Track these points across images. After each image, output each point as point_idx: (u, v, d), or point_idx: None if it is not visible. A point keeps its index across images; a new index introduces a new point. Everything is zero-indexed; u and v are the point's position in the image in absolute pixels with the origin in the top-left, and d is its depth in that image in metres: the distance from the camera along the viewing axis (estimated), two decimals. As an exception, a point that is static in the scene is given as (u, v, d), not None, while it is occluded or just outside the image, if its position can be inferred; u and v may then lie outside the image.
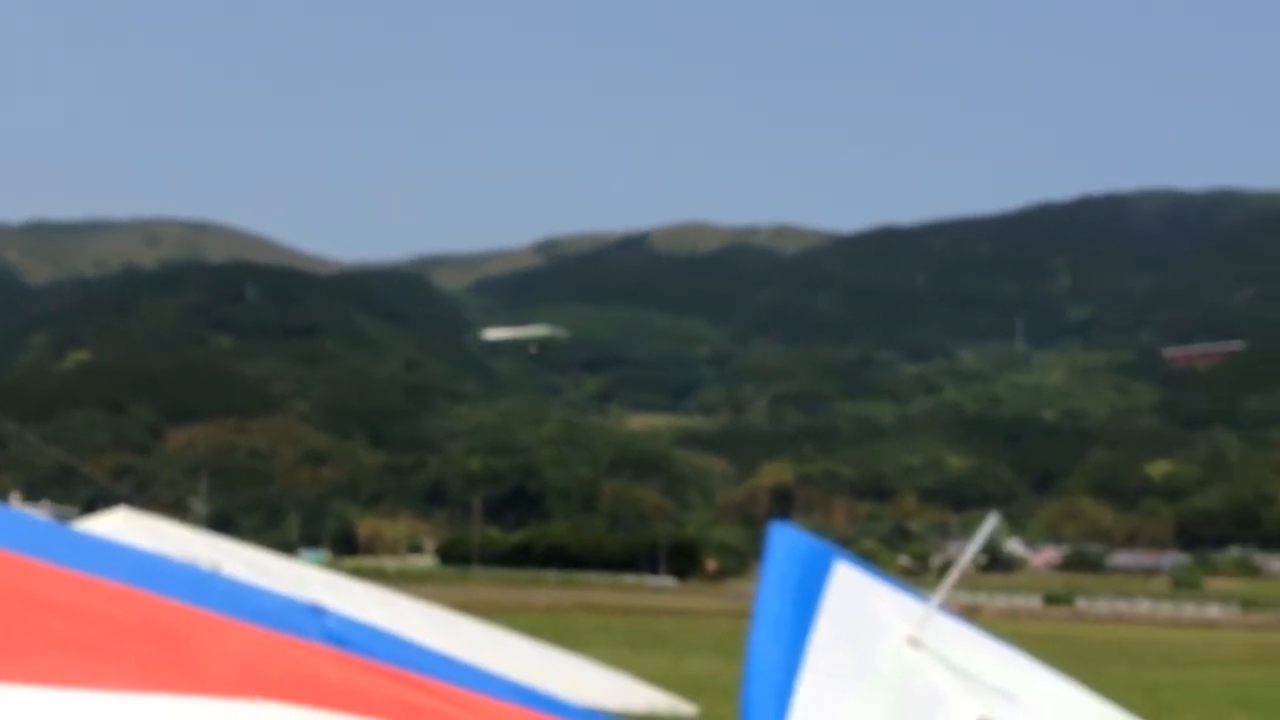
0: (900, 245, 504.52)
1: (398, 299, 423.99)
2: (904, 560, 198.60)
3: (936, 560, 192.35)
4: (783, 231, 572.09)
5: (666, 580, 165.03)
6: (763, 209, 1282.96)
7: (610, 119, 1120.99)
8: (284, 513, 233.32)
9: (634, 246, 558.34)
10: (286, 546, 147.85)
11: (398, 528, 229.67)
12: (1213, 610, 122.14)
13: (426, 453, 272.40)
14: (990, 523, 14.05)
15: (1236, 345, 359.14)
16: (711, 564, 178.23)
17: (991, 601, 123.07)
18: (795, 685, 10.55)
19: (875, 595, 12.85)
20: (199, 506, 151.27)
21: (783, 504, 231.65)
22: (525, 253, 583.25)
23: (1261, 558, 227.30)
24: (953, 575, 13.40)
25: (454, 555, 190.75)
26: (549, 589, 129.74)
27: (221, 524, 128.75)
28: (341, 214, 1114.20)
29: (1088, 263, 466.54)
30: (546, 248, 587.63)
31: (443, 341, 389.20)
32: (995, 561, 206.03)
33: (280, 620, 5.77)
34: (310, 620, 5.82)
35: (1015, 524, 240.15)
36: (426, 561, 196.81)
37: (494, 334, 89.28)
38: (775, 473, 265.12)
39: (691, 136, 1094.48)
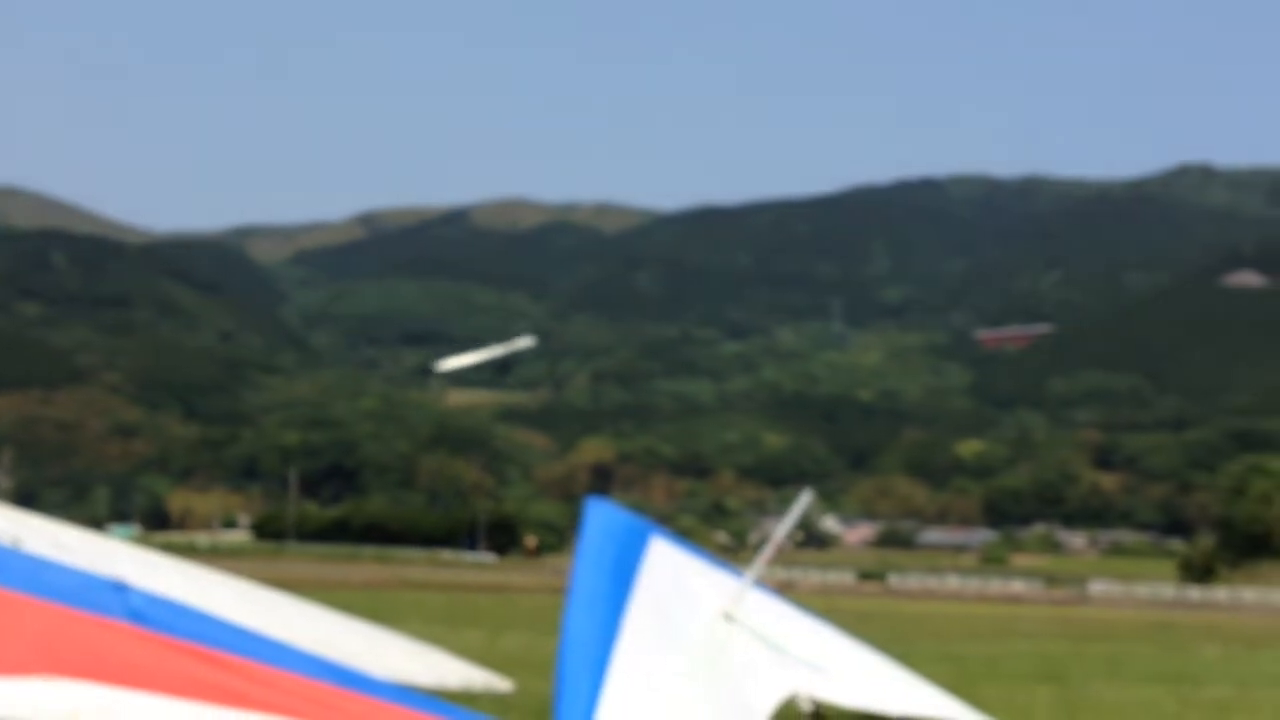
0: (721, 225, 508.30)
1: (212, 270, 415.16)
2: (721, 537, 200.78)
3: (754, 537, 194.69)
4: (604, 209, 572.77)
5: (485, 556, 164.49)
6: (584, 187, 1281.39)
7: (432, 92, 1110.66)
8: (92, 487, 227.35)
9: (455, 221, 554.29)
10: (94, 522, 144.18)
11: (210, 502, 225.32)
12: (1017, 585, 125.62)
13: (241, 426, 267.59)
14: (804, 500, 14.24)
15: (1044, 328, 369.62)
16: (531, 540, 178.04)
17: (806, 577, 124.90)
18: (610, 659, 10.57)
19: (691, 571, 12.95)
20: (1, 480, 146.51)
21: (602, 480, 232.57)
22: (345, 225, 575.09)
23: (1064, 535, 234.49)
24: (767, 551, 13.57)
25: (269, 531, 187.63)
26: (366, 565, 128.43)
27: (25, 498, 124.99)
28: (154, 182, 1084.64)
29: (904, 245, 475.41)
30: (367, 220, 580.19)
31: (259, 314, 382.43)
32: (811, 538, 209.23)
33: (80, 597, 5.58)
34: (112, 597, 5.63)
35: (830, 501, 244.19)
36: (241, 537, 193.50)
37: (451, 363, 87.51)
38: (595, 449, 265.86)
39: (513, 113, 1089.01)
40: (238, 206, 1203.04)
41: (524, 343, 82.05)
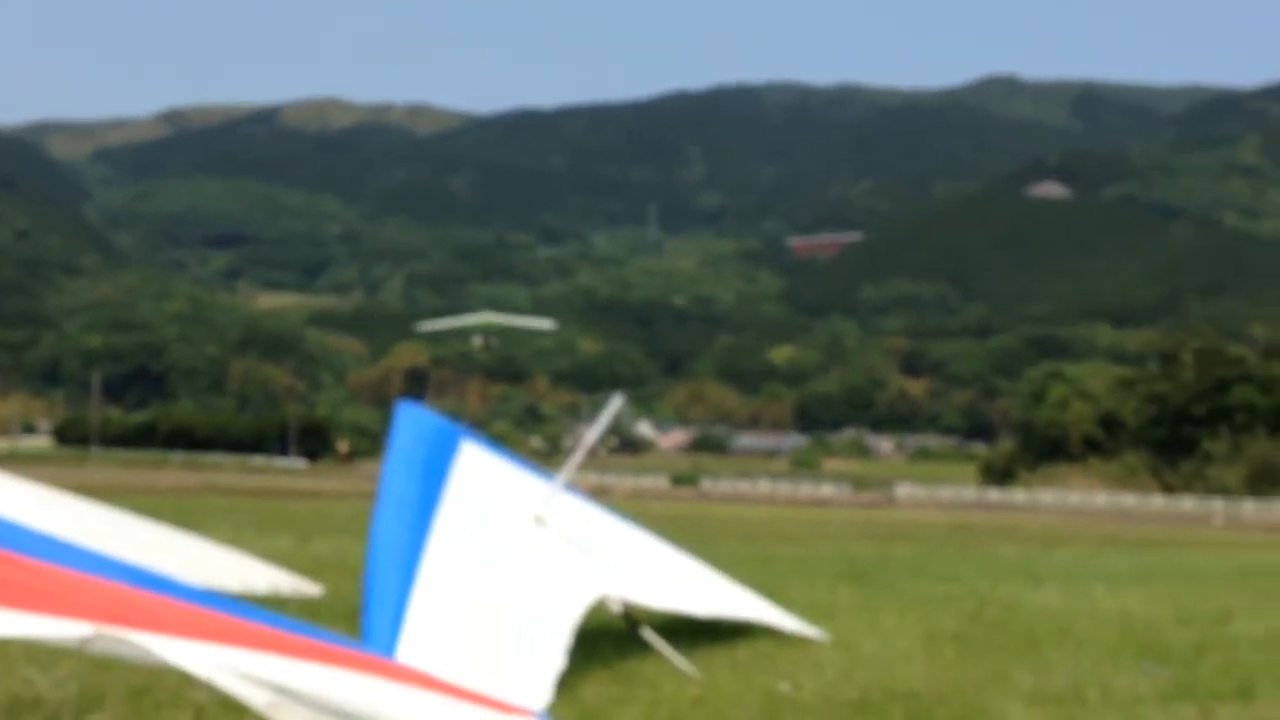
0: (537, 128, 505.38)
1: (8, 166, 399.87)
2: (535, 442, 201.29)
3: (568, 442, 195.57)
4: (417, 111, 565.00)
5: (297, 461, 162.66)
6: (397, 87, 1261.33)
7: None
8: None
9: (264, 121, 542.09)
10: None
11: (10, 407, 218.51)
12: (827, 489, 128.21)
13: (41, 329, 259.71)
14: (615, 404, 14.24)
15: (855, 236, 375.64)
16: (343, 445, 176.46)
17: (621, 482, 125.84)
18: (419, 562, 10.48)
19: (502, 475, 12.88)
20: None
21: (416, 385, 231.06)
22: (149, 122, 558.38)
23: (873, 439, 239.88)
24: (577, 456, 13.55)
25: (71, 436, 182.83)
26: (173, 471, 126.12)
27: None
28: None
29: (719, 152, 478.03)
30: (172, 118, 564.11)
31: (58, 212, 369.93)
32: (625, 443, 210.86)
33: None
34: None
35: (645, 407, 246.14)
36: (41, 443, 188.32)
37: (430, 326, 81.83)
38: (408, 354, 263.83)
39: (325, 10, 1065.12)
40: (35, 102, 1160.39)
41: (542, 324, 77.48)
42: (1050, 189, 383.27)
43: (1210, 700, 11.78)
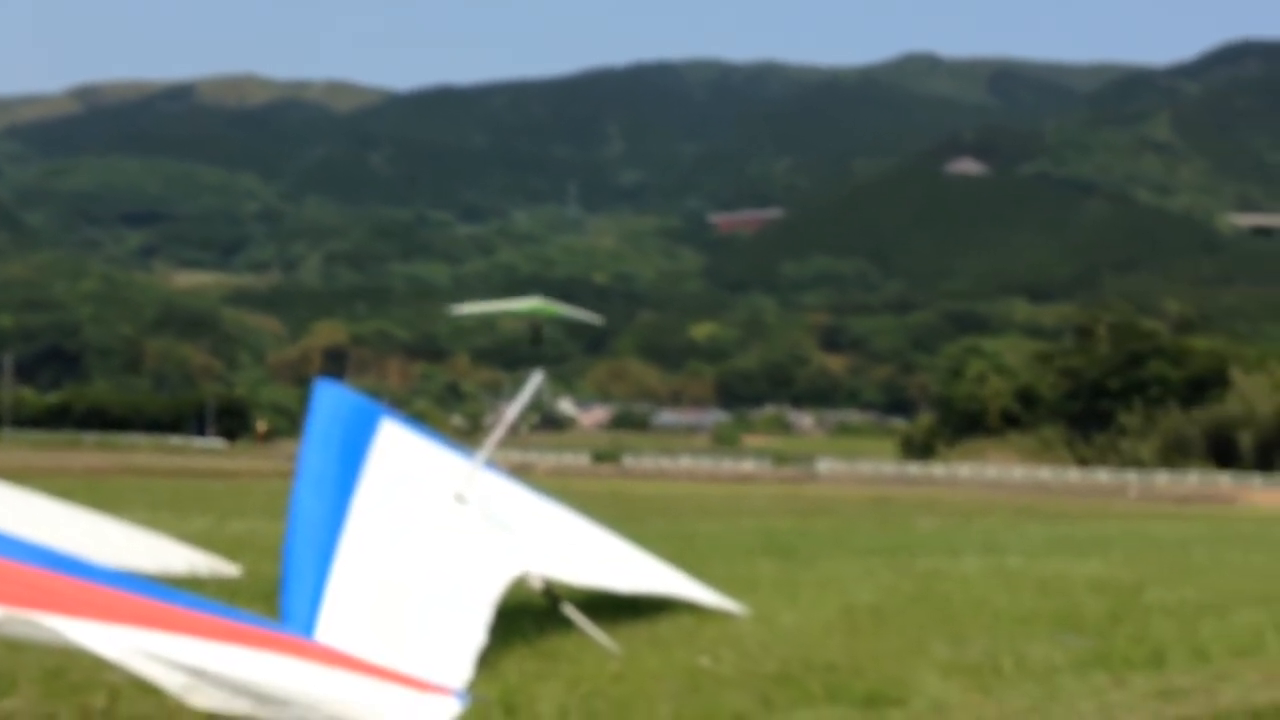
0: (457, 106, 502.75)
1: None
2: (457, 420, 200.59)
3: (489, 420, 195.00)
4: (336, 87, 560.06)
5: (214, 441, 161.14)
6: (315, 64, 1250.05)
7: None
8: None
9: (180, 97, 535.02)
10: None
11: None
12: (748, 465, 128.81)
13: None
14: (535, 380, 14.22)
15: (775, 213, 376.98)
16: (261, 425, 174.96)
17: (542, 460, 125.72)
18: (338, 542, 10.42)
19: (422, 453, 12.82)
20: None
21: (335, 364, 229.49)
22: (60, 99, 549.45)
23: (794, 415, 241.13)
24: (497, 433, 13.52)
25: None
26: (88, 451, 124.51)
27: None
28: None
29: (640, 129, 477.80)
30: (84, 94, 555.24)
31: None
32: (546, 421, 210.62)
33: None
34: None
35: (566, 384, 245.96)
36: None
37: (469, 309, 78.51)
38: (328, 332, 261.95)
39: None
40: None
41: (591, 317, 74.45)
42: (967, 166, 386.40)
43: (1124, 669, 11.97)
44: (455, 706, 7.72)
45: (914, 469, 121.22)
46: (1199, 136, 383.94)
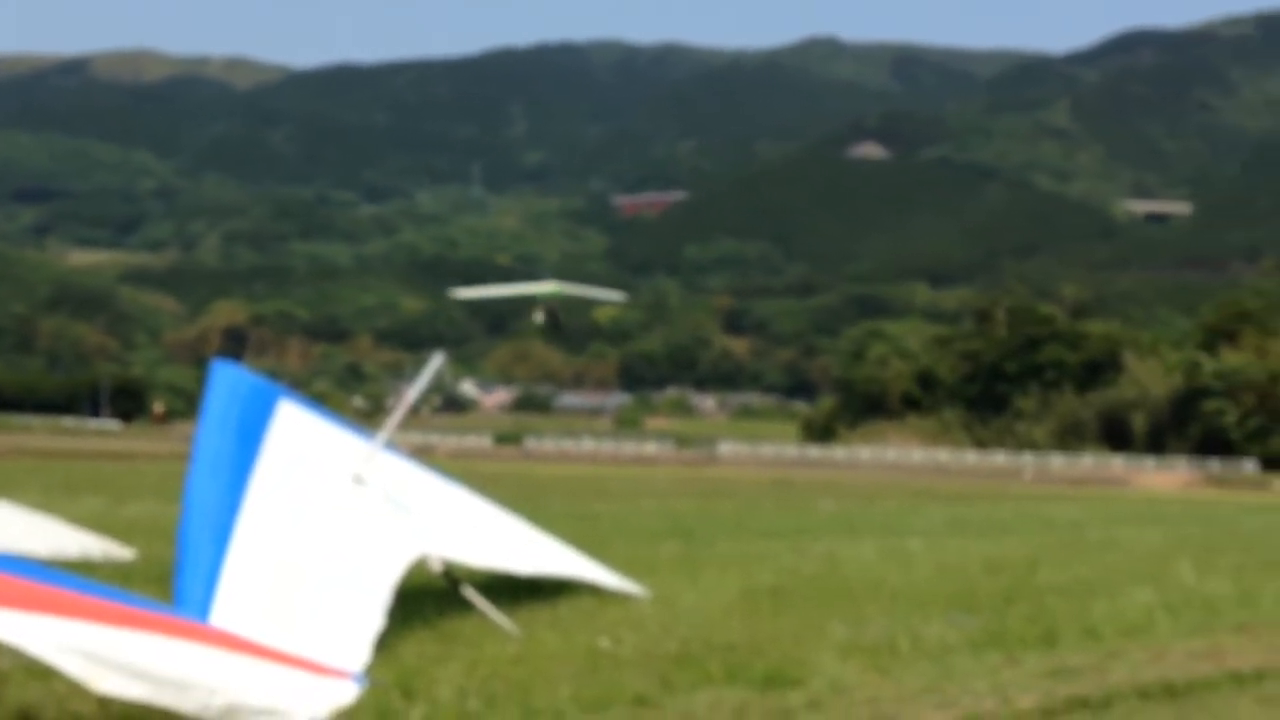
0: (359, 83, 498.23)
1: None
2: (358, 401, 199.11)
3: (390, 401, 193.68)
4: (236, 63, 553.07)
5: (110, 423, 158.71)
6: (214, 39, 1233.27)
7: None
8: None
9: (74, 72, 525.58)
10: None
11: None
12: (650, 447, 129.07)
13: None
14: (435, 361, 14.16)
15: (679, 195, 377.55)
16: (158, 406, 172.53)
17: (444, 441, 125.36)
18: (234, 524, 10.32)
19: (321, 434, 12.72)
20: None
21: (234, 344, 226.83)
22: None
23: (696, 397, 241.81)
24: (397, 414, 13.44)
25: None
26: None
27: None
28: None
29: (543, 110, 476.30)
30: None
31: None
32: (449, 402, 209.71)
33: None
34: None
35: (468, 366, 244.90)
36: None
37: (469, 293, 73.52)
38: (227, 312, 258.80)
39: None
40: None
41: (612, 295, 70.66)
42: (870, 150, 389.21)
43: (1017, 648, 12.15)
44: (353, 689, 7.69)
45: (815, 451, 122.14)
46: (1096, 123, 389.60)
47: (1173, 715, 10.07)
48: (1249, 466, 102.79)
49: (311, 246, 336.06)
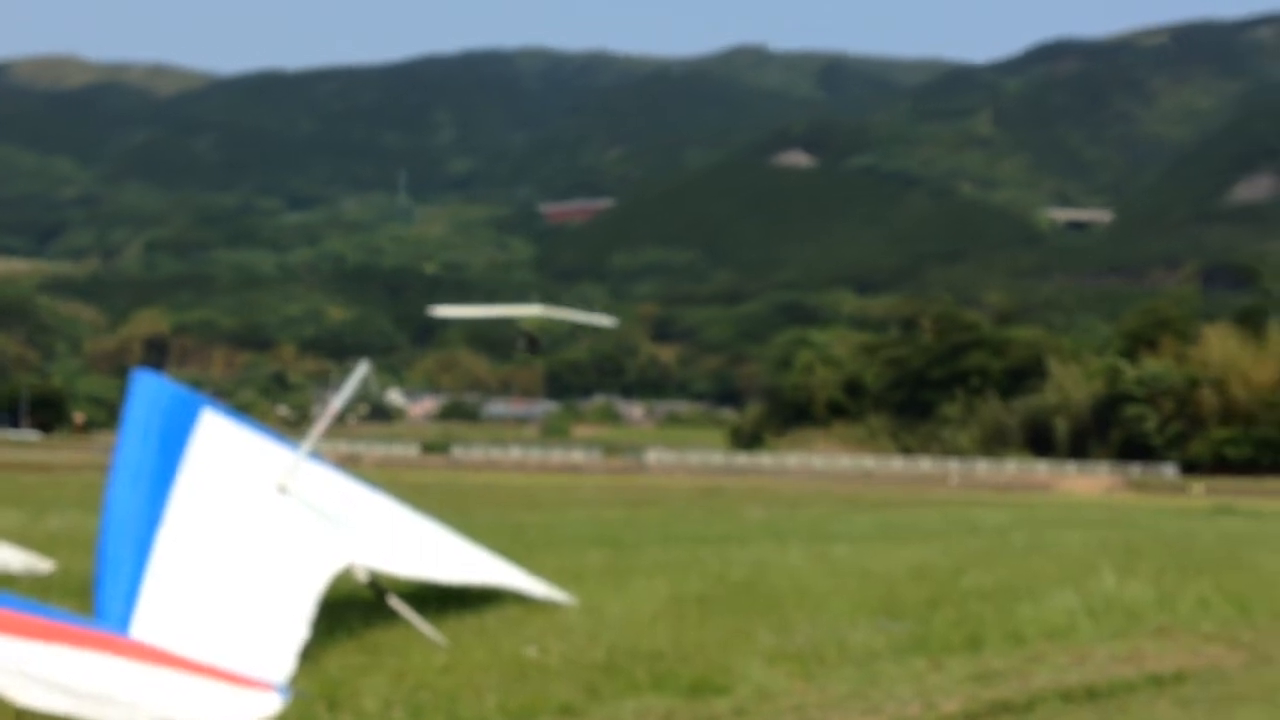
0: (283, 90, 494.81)
1: None
2: (283, 411, 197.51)
3: (316, 410, 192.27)
4: (158, 70, 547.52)
5: (29, 433, 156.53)
6: (136, 46, 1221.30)
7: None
8: None
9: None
10: None
11: None
12: (577, 455, 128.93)
13: None
14: (361, 370, 14.08)
15: (606, 203, 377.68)
16: (79, 416, 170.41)
17: (371, 451, 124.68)
18: (155, 535, 10.20)
19: (244, 444, 12.62)
20: None
21: (157, 354, 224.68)
22: None
23: (624, 405, 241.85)
24: (321, 424, 13.35)
25: None
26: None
27: None
28: None
29: (470, 118, 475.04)
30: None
31: None
32: (375, 412, 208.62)
33: None
34: None
35: (395, 375, 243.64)
36: None
37: (447, 311, 70.85)
38: (149, 321, 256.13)
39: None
40: None
41: (603, 320, 68.88)
42: (796, 158, 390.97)
43: (942, 653, 12.24)
44: (276, 702, 7.63)
45: (742, 459, 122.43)
46: (1019, 132, 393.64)
47: (1094, 717, 10.18)
48: (1169, 471, 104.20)
49: (235, 255, 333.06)
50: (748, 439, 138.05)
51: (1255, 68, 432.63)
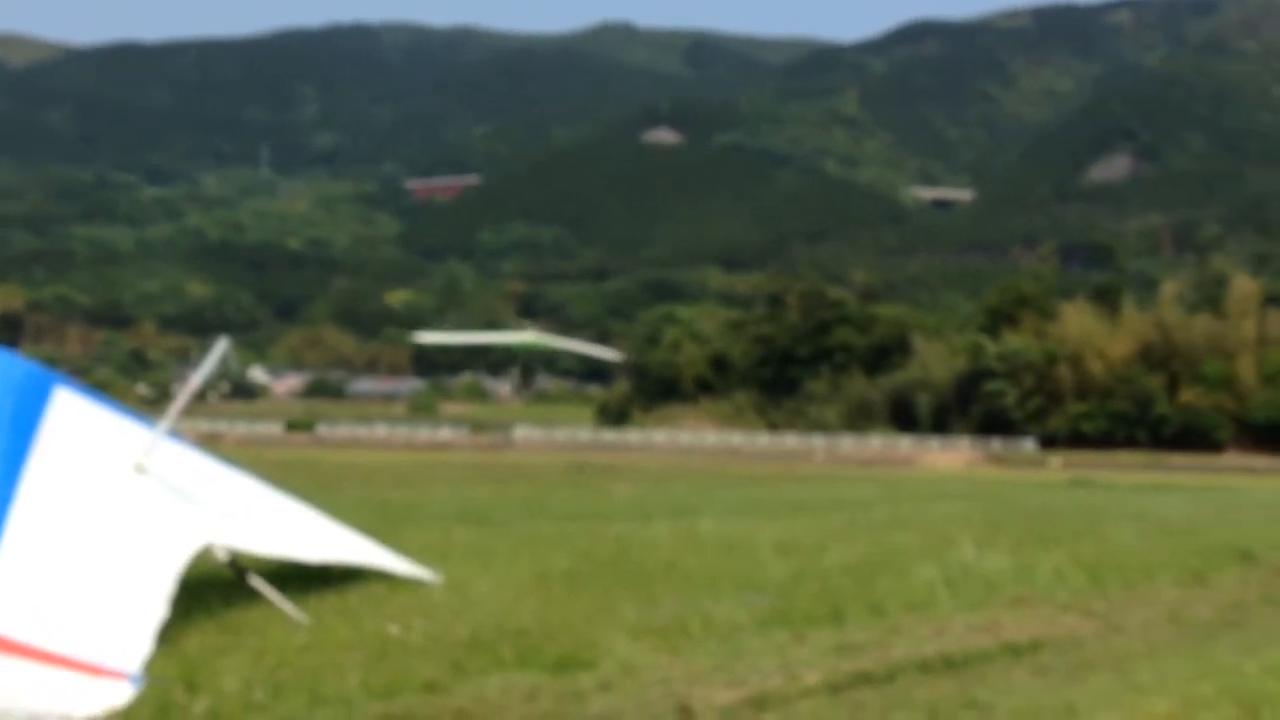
0: (141, 62, 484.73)
1: None
2: (142, 389, 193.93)
3: (176, 388, 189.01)
4: (9, 40, 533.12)
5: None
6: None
7: None
8: None
9: None
10: None
11: None
12: (445, 433, 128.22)
13: None
14: (220, 348, 13.86)
15: (472, 179, 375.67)
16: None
17: (234, 429, 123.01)
18: (7, 517, 9.95)
19: (99, 423, 12.34)
20: None
21: (10, 331, 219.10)
22: None
23: (491, 383, 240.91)
24: (180, 401, 13.12)
25: None
26: None
27: None
28: None
29: (335, 92, 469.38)
30: None
31: None
32: (239, 389, 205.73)
33: None
34: None
35: (258, 352, 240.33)
36: None
37: (434, 339, 66.51)
38: (2, 298, 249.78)
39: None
40: None
41: (604, 353, 66.30)
42: (663, 135, 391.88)
43: (804, 626, 12.37)
44: (128, 690, 7.49)
45: (610, 435, 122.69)
46: (883, 112, 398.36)
47: (952, 687, 10.35)
48: (1028, 445, 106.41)
49: (92, 230, 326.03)
50: (615, 415, 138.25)
51: (1113, 50, 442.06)
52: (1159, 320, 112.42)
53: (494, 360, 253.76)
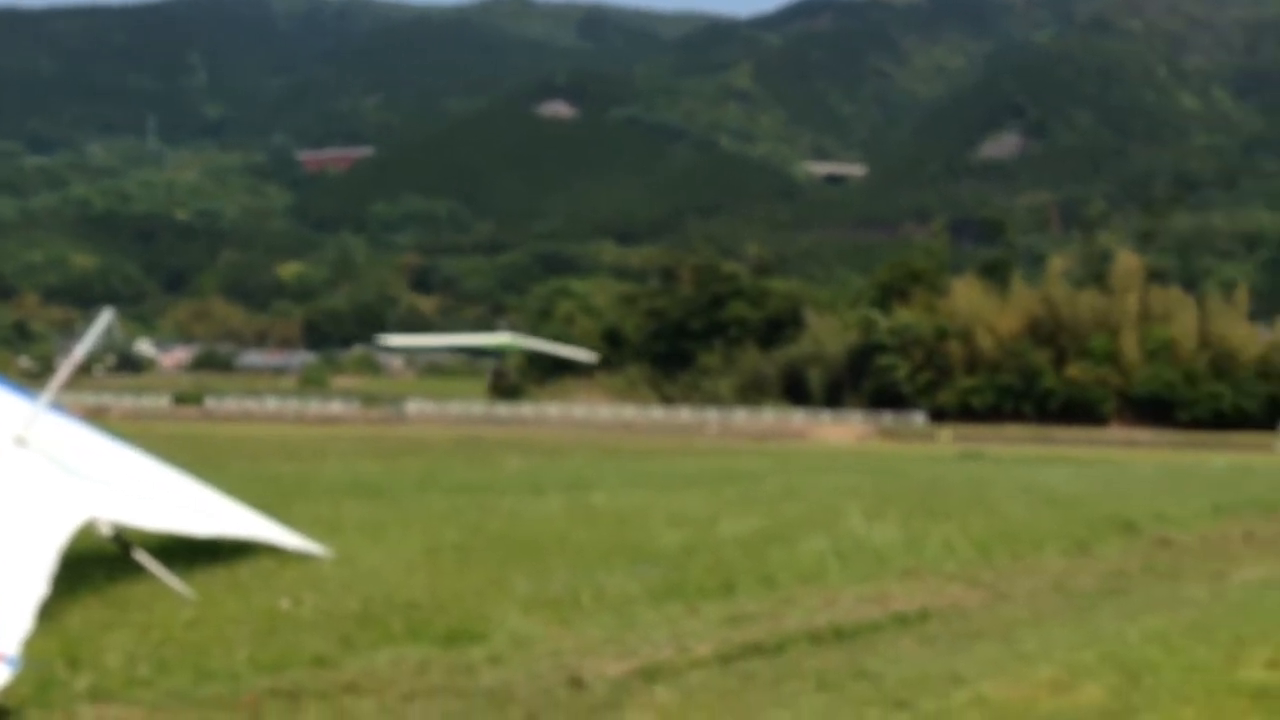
0: (23, 27, 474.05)
1: None
2: (24, 362, 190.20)
3: (60, 361, 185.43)
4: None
5: None
6: None
7: None
8: None
9: None
10: None
11: None
12: (336, 406, 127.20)
13: None
14: (104, 320, 13.62)
15: (365, 151, 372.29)
16: None
17: (120, 402, 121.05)
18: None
19: (-22, 395, 12.07)
20: None
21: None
22: None
23: (383, 356, 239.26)
24: (62, 374, 12.88)
25: None
26: None
27: None
28: None
29: (224, 61, 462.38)
30: None
31: None
32: (125, 362, 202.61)
33: None
34: None
35: (145, 324, 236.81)
36: None
37: (400, 341, 64.08)
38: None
39: None
40: None
41: (580, 354, 66.66)
42: (558, 108, 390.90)
43: (697, 598, 12.43)
44: (4, 673, 7.35)
45: (503, 409, 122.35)
46: (777, 87, 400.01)
47: (842, 657, 10.45)
48: (918, 419, 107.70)
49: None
50: (508, 389, 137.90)
51: (1004, 29, 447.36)
52: (1046, 296, 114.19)
53: (386, 333, 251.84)
